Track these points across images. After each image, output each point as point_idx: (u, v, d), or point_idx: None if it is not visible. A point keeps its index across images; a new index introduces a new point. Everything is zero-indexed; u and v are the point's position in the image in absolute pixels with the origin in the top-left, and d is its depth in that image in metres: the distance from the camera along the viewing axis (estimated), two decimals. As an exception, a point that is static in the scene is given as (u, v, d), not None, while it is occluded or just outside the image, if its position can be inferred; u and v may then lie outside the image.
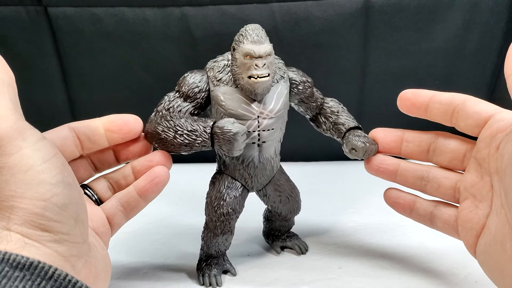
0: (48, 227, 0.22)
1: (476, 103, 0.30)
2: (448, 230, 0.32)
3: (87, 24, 0.55)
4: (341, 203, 0.51)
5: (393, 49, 0.56)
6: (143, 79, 0.58)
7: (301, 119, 0.40)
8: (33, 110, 0.61)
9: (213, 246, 0.36)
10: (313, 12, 0.53)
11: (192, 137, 0.31)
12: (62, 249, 0.23)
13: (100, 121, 0.32)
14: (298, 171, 0.43)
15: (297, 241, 0.41)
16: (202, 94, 0.33)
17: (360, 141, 0.34)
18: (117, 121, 0.32)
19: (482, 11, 0.53)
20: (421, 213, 0.33)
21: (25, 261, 0.20)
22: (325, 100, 0.38)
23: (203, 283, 0.36)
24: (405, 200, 0.34)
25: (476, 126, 0.29)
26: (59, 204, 0.22)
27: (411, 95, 0.32)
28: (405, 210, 0.34)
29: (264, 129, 0.33)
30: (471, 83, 0.58)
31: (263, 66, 0.30)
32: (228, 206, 0.35)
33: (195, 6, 0.53)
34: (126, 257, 0.41)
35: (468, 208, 0.30)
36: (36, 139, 0.23)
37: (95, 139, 0.31)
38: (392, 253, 0.40)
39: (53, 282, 0.20)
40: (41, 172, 0.22)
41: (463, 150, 0.31)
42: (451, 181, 0.32)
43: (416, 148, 0.33)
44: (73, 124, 0.31)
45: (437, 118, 0.32)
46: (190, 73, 0.33)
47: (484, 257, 0.29)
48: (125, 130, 0.32)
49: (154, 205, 0.35)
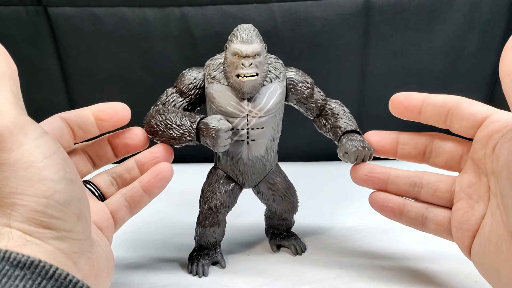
0: (50, 225, 0.22)
1: (470, 104, 0.29)
2: (441, 232, 0.32)
3: (87, 24, 0.55)
4: (341, 203, 0.51)
5: (393, 49, 0.56)
6: (143, 79, 0.58)
7: (301, 119, 0.40)
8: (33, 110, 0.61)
9: (202, 237, 0.38)
10: (313, 12, 0.53)
11: (180, 131, 0.32)
12: (64, 246, 0.22)
13: (89, 110, 0.32)
14: (298, 171, 0.43)
15: (294, 241, 0.41)
16: (196, 91, 0.34)
17: (352, 145, 0.33)
18: (107, 110, 0.32)
19: (482, 11, 0.53)
20: (412, 216, 0.32)
21: (25, 260, 0.20)
22: (327, 101, 0.38)
23: (190, 271, 0.38)
24: (394, 203, 0.33)
25: (471, 128, 0.29)
26: (61, 201, 0.22)
27: (403, 98, 0.32)
28: (394, 214, 0.33)
29: (253, 128, 0.33)
30: (471, 83, 0.58)
31: (250, 66, 0.31)
32: (217, 199, 0.36)
33: (195, 6, 0.53)
34: (126, 257, 0.41)
35: (463, 209, 0.30)
36: (37, 135, 0.22)
37: (86, 128, 0.32)
38: (392, 253, 0.40)
39: (53, 282, 0.20)
40: (43, 169, 0.22)
41: (460, 151, 0.31)
42: (447, 184, 0.31)
43: (412, 150, 0.33)
44: (64, 114, 0.31)
45: (430, 121, 0.31)
46: (188, 70, 0.35)
47: (480, 259, 0.28)
48: (116, 119, 0.32)
49: (154, 205, 0.35)
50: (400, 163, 0.36)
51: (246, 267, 0.39)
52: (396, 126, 0.36)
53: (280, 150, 0.38)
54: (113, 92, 0.60)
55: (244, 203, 0.41)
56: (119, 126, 0.33)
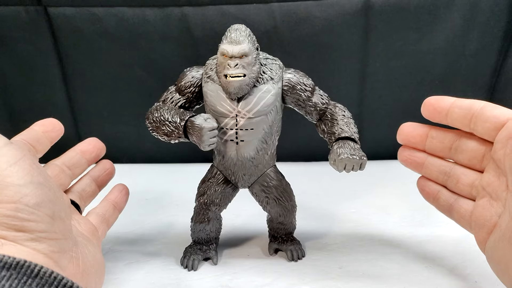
0: (22, 227, 0.23)
1: (494, 107, 0.31)
2: (462, 223, 0.34)
3: (87, 24, 0.55)
4: (341, 203, 0.51)
5: (393, 49, 0.56)
6: (143, 79, 0.58)
7: (301, 119, 0.40)
8: (33, 110, 0.61)
9: (194, 233, 0.40)
10: (313, 12, 0.53)
11: (171, 128, 0.33)
12: (41, 247, 0.23)
13: (35, 126, 0.34)
14: (298, 171, 0.43)
15: (292, 246, 0.40)
16: (193, 89, 0.35)
17: (341, 152, 0.32)
18: (46, 122, 0.35)
19: (482, 11, 0.53)
20: (441, 203, 0.35)
21: (11, 261, 0.20)
22: (329, 106, 0.36)
23: (182, 263, 0.39)
24: (430, 189, 0.36)
25: (493, 129, 0.30)
26: (30, 204, 0.23)
27: (434, 101, 0.33)
28: (429, 198, 0.36)
29: (242, 128, 0.34)
30: (471, 83, 0.58)
31: (235, 66, 0.31)
32: (208, 197, 0.37)
33: (195, 6, 0.53)
34: (126, 257, 0.41)
35: (483, 206, 0.31)
36: (1, 145, 0.24)
37: (42, 141, 0.34)
38: (392, 253, 0.40)
39: (39, 280, 0.21)
40: (7, 176, 0.23)
41: (482, 150, 0.32)
42: (469, 178, 0.33)
43: (440, 144, 0.34)
44: (20, 136, 0.33)
45: (456, 123, 0.32)
46: (189, 68, 0.35)
47: (492, 253, 0.30)
48: (57, 128, 0.35)
49: (154, 205, 0.35)
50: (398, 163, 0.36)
51: (246, 267, 0.39)
52: (396, 126, 0.36)
53: (280, 150, 0.38)
54: (113, 92, 0.60)
55: (245, 203, 0.41)
56: (60, 135, 0.36)
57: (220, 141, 0.35)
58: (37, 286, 0.20)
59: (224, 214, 0.41)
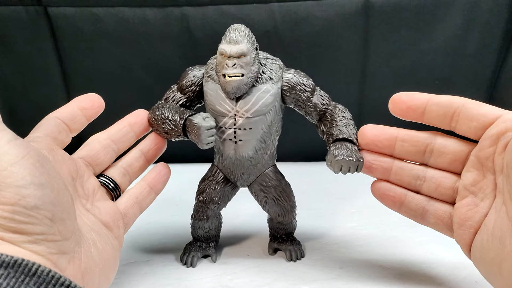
0: (20, 230, 0.22)
1: (478, 105, 0.29)
2: (440, 227, 0.32)
3: (87, 24, 0.55)
4: (341, 203, 0.51)
5: (393, 49, 0.56)
6: (143, 79, 0.58)
7: (301, 119, 0.40)
8: (33, 110, 0.61)
9: (193, 230, 0.40)
10: (313, 12, 0.53)
11: (171, 126, 0.34)
12: (39, 249, 0.23)
13: (73, 103, 0.34)
14: (298, 171, 0.43)
15: (291, 246, 0.40)
16: (194, 88, 0.35)
17: (337, 154, 0.32)
18: (86, 99, 0.34)
19: (482, 11, 0.53)
20: (412, 208, 0.32)
21: (9, 260, 0.20)
22: (330, 107, 0.35)
23: (181, 260, 0.39)
24: (396, 193, 0.33)
25: (480, 128, 0.29)
26: (28, 206, 0.22)
27: (406, 97, 0.31)
28: (394, 204, 0.33)
29: (240, 128, 0.34)
30: (471, 83, 0.58)
31: (233, 66, 0.31)
32: (207, 195, 0.38)
33: (195, 6, 0.53)
34: (126, 257, 0.41)
35: (468, 206, 0.30)
36: (4, 142, 0.23)
37: (77, 119, 0.33)
38: (392, 253, 0.40)
39: (36, 278, 0.20)
40: (7, 177, 0.22)
41: (466, 151, 0.30)
42: (450, 180, 0.31)
43: (412, 148, 0.32)
44: (55, 113, 0.32)
45: (434, 122, 0.31)
46: (191, 68, 0.36)
47: (481, 254, 0.28)
48: (96, 105, 0.34)
49: (154, 204, 0.35)
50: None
51: (246, 267, 0.39)
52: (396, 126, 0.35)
53: (280, 150, 0.38)
54: (113, 92, 0.60)
55: (245, 203, 0.42)
56: (100, 113, 0.35)
57: (219, 140, 0.35)
58: (35, 284, 0.20)
59: (224, 213, 0.41)
